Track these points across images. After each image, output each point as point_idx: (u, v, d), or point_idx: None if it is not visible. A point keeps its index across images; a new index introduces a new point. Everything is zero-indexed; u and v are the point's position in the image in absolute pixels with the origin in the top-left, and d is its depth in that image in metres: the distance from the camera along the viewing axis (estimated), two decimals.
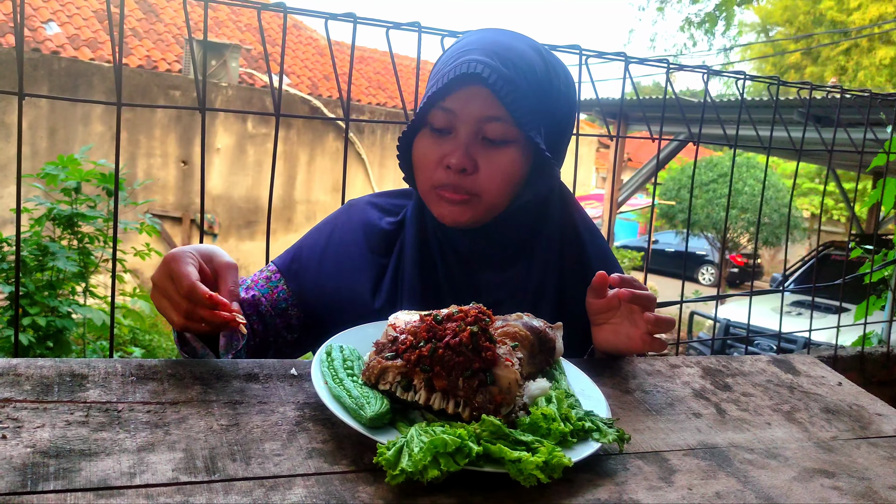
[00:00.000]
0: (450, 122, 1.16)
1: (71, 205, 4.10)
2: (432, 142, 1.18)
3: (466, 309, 0.92)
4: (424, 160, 1.19)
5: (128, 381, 0.90)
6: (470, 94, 1.14)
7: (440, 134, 1.17)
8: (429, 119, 1.18)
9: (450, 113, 1.15)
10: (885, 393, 2.73)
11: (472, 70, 1.10)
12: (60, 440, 0.76)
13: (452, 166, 1.14)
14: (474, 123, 1.15)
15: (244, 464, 0.77)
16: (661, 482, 0.86)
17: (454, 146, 1.15)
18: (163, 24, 11.54)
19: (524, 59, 1.16)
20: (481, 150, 1.16)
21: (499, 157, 1.16)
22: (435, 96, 1.14)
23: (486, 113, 1.14)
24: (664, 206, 16.04)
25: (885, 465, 1.00)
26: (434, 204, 1.20)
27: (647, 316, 1.12)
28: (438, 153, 1.17)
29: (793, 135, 2.31)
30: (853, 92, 2.45)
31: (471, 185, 1.16)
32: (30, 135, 9.11)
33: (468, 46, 1.17)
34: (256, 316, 1.27)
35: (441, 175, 1.16)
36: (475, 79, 1.12)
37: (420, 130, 1.21)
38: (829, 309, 6.38)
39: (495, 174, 1.16)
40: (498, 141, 1.15)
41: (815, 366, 1.38)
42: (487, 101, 1.13)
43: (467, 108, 1.14)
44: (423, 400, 0.86)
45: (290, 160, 11.19)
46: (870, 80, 18.78)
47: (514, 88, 1.12)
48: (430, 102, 1.15)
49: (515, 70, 1.13)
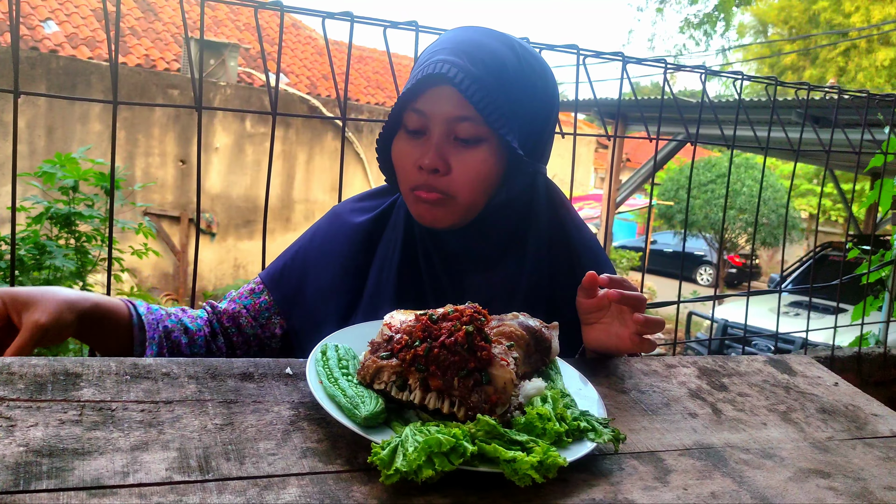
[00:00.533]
0: (423, 124, 1.16)
1: (68, 204, 4.10)
2: (407, 143, 1.19)
3: (462, 308, 0.92)
4: (401, 162, 1.20)
5: (122, 380, 0.89)
6: (439, 95, 1.14)
7: (414, 135, 1.18)
8: (403, 121, 1.19)
9: (421, 114, 1.16)
10: (881, 393, 2.73)
11: (439, 70, 1.10)
12: (53, 439, 0.75)
13: (424, 167, 1.15)
14: (445, 124, 1.15)
15: (238, 463, 0.76)
16: (657, 482, 0.86)
17: (427, 147, 1.16)
18: (161, 23, 11.53)
19: (494, 57, 1.14)
20: (453, 150, 1.16)
21: (470, 157, 1.16)
22: (405, 98, 1.15)
23: (455, 113, 1.14)
24: (662, 207, 16.06)
25: (880, 466, 1.00)
26: (412, 205, 1.20)
27: (636, 317, 1.12)
28: (413, 155, 1.17)
29: (790, 135, 2.31)
30: (851, 93, 2.45)
31: (444, 185, 1.16)
32: (28, 133, 9.10)
33: (439, 45, 1.17)
34: (235, 328, 1.33)
35: (416, 176, 1.17)
36: (442, 79, 1.12)
37: (397, 132, 1.21)
38: (826, 309, 6.38)
39: (468, 173, 1.16)
40: (470, 140, 1.15)
41: (811, 366, 1.38)
42: (456, 102, 1.13)
43: (437, 108, 1.14)
44: (419, 399, 0.86)
45: (288, 159, 11.19)
46: (869, 80, 18.80)
47: (481, 87, 1.11)
48: (401, 104, 1.16)
49: (484, 68, 1.13)
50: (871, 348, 2.98)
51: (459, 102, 1.13)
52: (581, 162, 15.49)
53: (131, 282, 7.41)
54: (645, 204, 17.11)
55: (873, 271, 3.08)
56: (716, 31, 22.87)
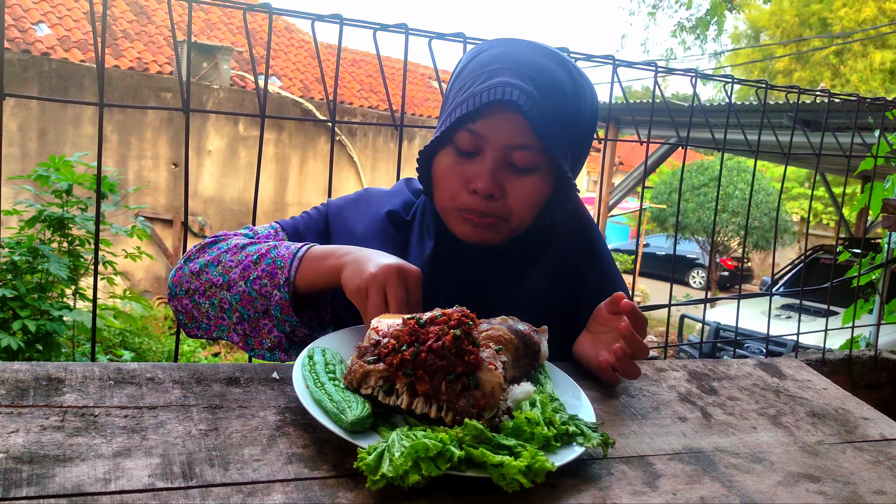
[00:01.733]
0: (477, 146, 1.13)
1: (62, 207, 4.08)
2: (456, 163, 1.15)
3: (450, 312, 0.91)
4: (447, 180, 1.17)
5: (105, 386, 0.88)
6: (501, 121, 1.11)
7: (465, 155, 1.15)
8: (454, 138, 1.15)
9: (478, 137, 1.12)
10: (872, 396, 2.74)
11: (509, 97, 1.08)
12: (35, 445, 0.74)
13: (480, 191, 1.12)
14: (502, 150, 1.12)
15: (222, 469, 0.76)
16: (646, 487, 0.85)
17: (480, 170, 1.13)
18: (154, 26, 11.50)
19: (555, 83, 1.13)
20: (507, 175, 1.14)
21: (525, 184, 1.14)
22: (464, 117, 1.12)
23: (516, 141, 1.12)
24: (655, 210, 16.09)
25: (870, 470, 0.99)
26: (456, 223, 1.18)
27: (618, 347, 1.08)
28: (463, 175, 1.14)
29: (781, 139, 2.32)
30: (841, 96, 2.46)
31: (498, 209, 1.15)
32: (20, 136, 9.05)
33: (496, 63, 1.13)
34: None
35: (466, 198, 1.14)
36: (510, 105, 1.10)
37: (443, 147, 1.17)
38: (817, 312, 6.40)
39: (522, 200, 1.15)
40: (525, 169, 1.14)
41: (801, 369, 1.37)
42: (518, 129, 1.11)
43: (498, 134, 1.12)
44: (406, 404, 0.85)
45: (281, 162, 11.17)
46: (863, 83, 18.89)
47: (545, 118, 1.10)
48: (457, 123, 1.13)
49: (546, 96, 1.11)
50: (862, 351, 2.99)
51: (521, 130, 1.11)
52: None
53: (123, 285, 7.38)
54: (637, 207, 17.16)
55: (864, 274, 3.09)
56: (708, 36, 22.99)
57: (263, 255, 1.14)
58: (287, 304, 1.10)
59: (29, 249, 3.95)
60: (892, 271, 3.09)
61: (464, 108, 1.11)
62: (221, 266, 1.16)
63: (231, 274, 1.14)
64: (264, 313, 1.13)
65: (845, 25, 19.72)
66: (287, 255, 1.12)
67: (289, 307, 1.10)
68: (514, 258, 1.25)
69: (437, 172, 1.19)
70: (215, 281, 1.15)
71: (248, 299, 1.13)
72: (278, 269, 1.11)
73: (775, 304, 7.85)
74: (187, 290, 1.18)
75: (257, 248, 1.16)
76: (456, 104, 1.14)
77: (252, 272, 1.12)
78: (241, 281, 1.13)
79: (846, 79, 19.71)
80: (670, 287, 2.37)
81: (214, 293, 1.15)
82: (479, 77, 1.13)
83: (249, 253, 1.15)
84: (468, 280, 1.24)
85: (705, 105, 7.24)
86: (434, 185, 1.20)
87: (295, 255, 1.12)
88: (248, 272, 1.13)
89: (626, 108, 8.65)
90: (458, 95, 1.16)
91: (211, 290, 1.16)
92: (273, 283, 1.11)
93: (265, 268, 1.12)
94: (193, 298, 1.18)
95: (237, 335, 1.18)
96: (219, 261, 1.17)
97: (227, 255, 1.17)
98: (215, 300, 1.16)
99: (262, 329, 1.15)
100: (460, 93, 1.15)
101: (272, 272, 1.11)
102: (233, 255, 1.16)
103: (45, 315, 3.99)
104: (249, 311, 1.14)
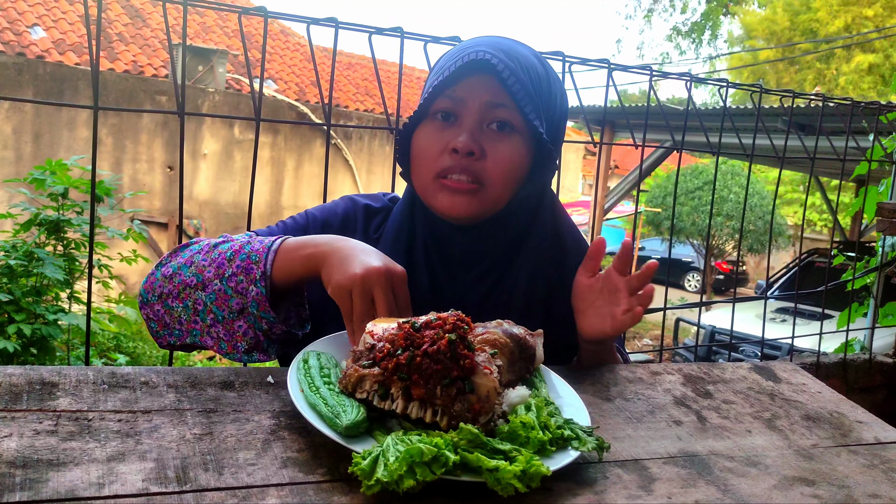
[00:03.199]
0: (456, 108, 1.16)
1: (57, 210, 4.07)
2: (436, 129, 1.18)
3: (445, 316, 0.91)
4: (427, 149, 1.18)
5: (99, 390, 0.88)
6: (477, 81, 1.15)
7: (445, 121, 1.17)
8: (432, 109, 1.18)
9: (456, 99, 1.16)
10: (866, 400, 2.74)
11: (481, 58, 1.12)
12: (28, 450, 0.74)
13: (460, 149, 1.13)
14: (481, 110, 1.15)
15: (217, 474, 0.75)
16: (641, 491, 0.85)
17: (460, 131, 1.15)
18: (149, 29, 11.49)
19: (527, 59, 1.18)
20: (487, 136, 1.16)
21: (504, 145, 1.16)
22: (442, 84, 1.15)
23: (492, 99, 1.15)
24: (650, 213, 16.12)
25: (865, 473, 0.99)
26: (437, 195, 1.17)
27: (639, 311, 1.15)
28: (443, 140, 1.16)
29: (776, 142, 2.32)
30: (835, 100, 2.47)
31: (478, 170, 1.15)
32: (14, 139, 9.04)
33: (472, 43, 1.18)
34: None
35: (446, 160, 1.15)
36: (484, 66, 1.13)
37: (422, 122, 1.20)
38: (812, 316, 6.42)
39: (502, 161, 1.16)
40: (504, 128, 1.16)
41: (796, 373, 1.38)
42: (494, 88, 1.15)
43: (475, 93, 1.15)
44: (401, 409, 0.85)
45: (277, 166, 11.16)
46: (852, 86, 18.98)
47: (518, 79, 1.14)
48: (435, 92, 1.16)
49: (519, 65, 1.15)
50: (857, 354, 2.99)
51: (496, 89, 1.15)
52: (569, 169, 15.53)
53: (119, 289, 7.36)
54: (633, 210, 17.19)
55: (858, 278, 3.10)
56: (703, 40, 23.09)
57: (237, 251, 1.11)
58: (264, 300, 1.07)
59: (24, 253, 3.95)
60: (886, 275, 3.09)
61: (440, 77, 1.15)
62: (195, 266, 1.12)
63: (205, 273, 1.11)
64: (240, 313, 1.10)
65: (829, 31, 19.89)
66: (262, 248, 1.10)
67: (266, 302, 1.07)
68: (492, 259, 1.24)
69: (416, 147, 1.20)
70: (189, 282, 1.12)
71: (224, 298, 1.09)
72: (253, 264, 1.08)
73: (770, 308, 7.85)
74: (160, 295, 1.14)
75: (230, 245, 1.13)
76: (432, 80, 1.18)
77: (227, 269, 1.09)
78: (215, 279, 1.10)
79: (834, 83, 19.83)
80: (665, 290, 2.37)
81: (188, 294, 1.12)
82: (454, 56, 1.17)
83: (223, 251, 1.12)
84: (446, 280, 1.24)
85: (700, 109, 7.26)
86: (413, 163, 1.21)
87: (270, 248, 1.09)
88: (222, 269, 1.10)
89: (621, 112, 8.68)
90: (434, 76, 1.20)
91: (185, 291, 1.12)
92: (249, 279, 1.08)
93: (240, 264, 1.09)
94: (166, 303, 1.14)
95: (211, 339, 1.13)
96: (192, 262, 1.13)
97: (199, 256, 1.14)
98: (189, 302, 1.12)
99: (237, 332, 1.11)
100: (436, 73, 1.20)
101: (247, 267, 1.08)
102: (205, 254, 1.13)
103: (39, 319, 3.98)
104: (224, 312, 1.10)
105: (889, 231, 2.64)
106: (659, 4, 22.50)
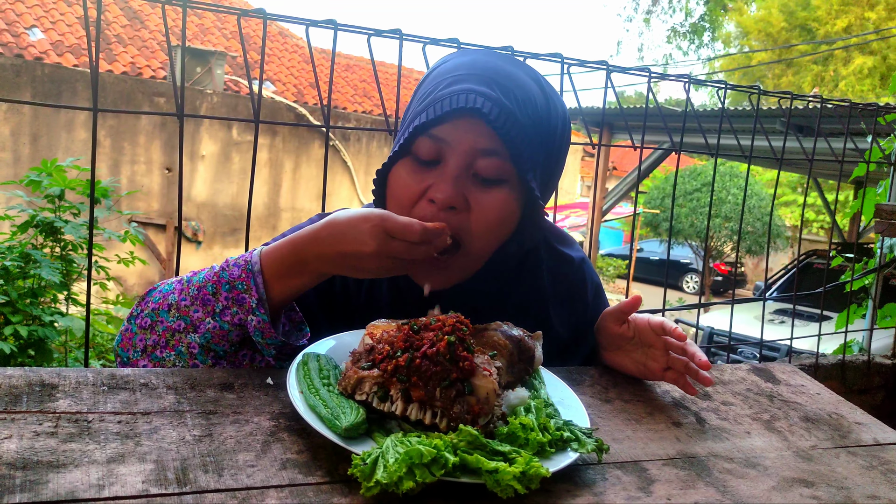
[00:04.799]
0: (438, 153, 1.03)
1: (54, 212, 4.07)
2: (414, 171, 1.04)
3: (444, 318, 0.91)
4: (403, 192, 1.05)
5: (99, 391, 0.88)
6: (465, 125, 1.02)
7: (424, 165, 1.04)
8: (413, 148, 1.05)
9: (439, 141, 1.02)
10: (865, 401, 2.75)
11: (472, 104, 0.99)
12: (28, 451, 0.74)
13: (438, 201, 1.01)
14: (466, 156, 1.02)
15: (216, 475, 0.75)
16: (640, 492, 0.85)
17: (441, 178, 1.02)
18: (147, 31, 11.49)
19: (525, 92, 1.05)
20: (472, 186, 1.03)
21: (491, 197, 1.03)
22: (424, 124, 1.02)
23: (481, 146, 1.02)
24: (648, 215, 16.13)
25: (863, 475, 1.00)
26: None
27: (673, 357, 1.12)
28: (421, 185, 1.03)
29: (774, 144, 2.33)
30: (833, 102, 2.47)
31: (458, 225, 1.02)
32: (12, 141, 9.03)
33: (461, 70, 1.05)
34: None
35: (423, 209, 1.02)
36: (474, 113, 1.00)
37: (401, 159, 1.06)
38: (811, 317, 6.42)
39: (488, 215, 1.03)
40: (491, 179, 1.03)
41: (794, 374, 1.38)
42: (484, 134, 1.02)
43: (461, 138, 1.02)
44: (400, 410, 0.85)
45: (275, 167, 11.16)
46: (850, 88, 19.02)
47: (514, 124, 1.01)
48: (416, 131, 1.03)
49: (514, 103, 1.03)
50: (855, 356, 3.00)
51: (487, 134, 1.01)
52: (567, 170, 15.54)
53: (116, 290, 7.35)
54: (631, 212, 17.21)
55: (857, 279, 3.10)
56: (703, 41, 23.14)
57: (217, 282, 1.01)
58: (268, 326, 0.99)
59: (21, 255, 3.94)
60: (884, 276, 3.10)
61: (424, 117, 1.02)
62: (175, 310, 1.02)
63: (192, 314, 1.01)
64: (242, 344, 1.04)
65: (829, 31, 19.92)
66: (242, 274, 1.00)
67: (270, 329, 1.00)
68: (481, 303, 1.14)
69: (391, 187, 1.07)
70: (176, 327, 1.02)
71: (222, 334, 1.01)
72: (244, 293, 0.99)
73: (769, 309, 7.87)
74: (143, 349, 1.04)
75: (205, 278, 1.02)
76: (415, 113, 1.05)
77: (215, 304, 1.00)
78: (207, 318, 1.01)
79: (832, 85, 19.86)
80: (664, 292, 2.38)
81: (179, 340, 1.02)
82: (441, 83, 1.05)
83: (199, 284, 1.02)
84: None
85: (698, 110, 7.28)
86: (388, 202, 1.08)
87: (252, 272, 0.99)
88: (210, 306, 1.00)
89: (619, 114, 8.68)
90: (417, 105, 1.07)
91: (174, 338, 1.02)
92: (245, 309, 0.99)
93: (227, 295, 1.00)
94: (154, 355, 1.03)
95: None
96: (169, 305, 1.03)
97: (175, 297, 1.03)
98: (182, 347, 1.02)
99: (243, 361, 1.05)
100: (420, 102, 1.07)
101: (238, 298, 0.99)
102: (182, 294, 1.03)
103: (37, 321, 3.97)
104: (225, 346, 1.03)
105: (887, 232, 2.64)
106: (658, 6, 22.56)
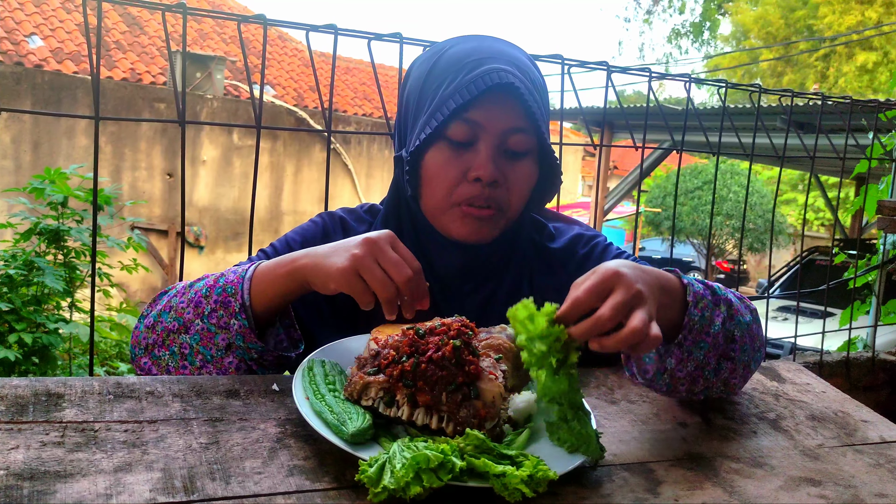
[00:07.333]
0: (472, 135, 1.12)
1: (57, 219, 4.07)
2: (451, 155, 1.13)
3: (449, 322, 0.91)
4: (443, 176, 1.13)
5: (105, 400, 0.88)
6: (497, 106, 1.11)
7: (460, 146, 1.13)
8: (445, 132, 1.12)
9: (474, 125, 1.11)
10: (870, 398, 2.74)
11: (505, 80, 1.08)
12: (35, 461, 0.74)
13: (485, 179, 1.11)
14: (500, 135, 1.12)
15: (224, 483, 0.75)
16: (647, 493, 0.85)
17: (481, 158, 1.11)
18: (147, 37, 11.51)
19: (529, 69, 1.16)
20: (504, 162, 1.14)
21: (521, 170, 1.15)
22: (460, 107, 1.09)
23: (512, 125, 1.12)
24: (650, 214, 16.13)
25: (871, 473, 0.99)
26: (454, 221, 1.15)
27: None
28: (460, 166, 1.12)
29: (775, 141, 2.32)
30: (834, 99, 2.47)
31: (500, 198, 1.14)
32: (13, 149, 9.04)
33: (476, 55, 1.12)
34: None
35: (467, 189, 1.12)
36: (507, 89, 1.10)
37: (433, 144, 1.14)
38: (814, 314, 6.41)
39: (521, 187, 1.16)
40: (520, 153, 1.14)
41: (800, 373, 1.38)
42: (514, 112, 1.12)
43: (494, 120, 1.11)
44: (407, 415, 0.85)
45: (276, 171, 11.17)
46: (849, 85, 19.00)
47: (535, 98, 1.12)
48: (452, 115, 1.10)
49: (530, 80, 1.13)
50: (860, 353, 2.99)
51: (516, 114, 1.12)
52: (569, 170, 15.53)
53: (119, 297, 7.36)
54: (633, 211, 17.20)
55: (860, 275, 3.10)
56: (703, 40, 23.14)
57: (212, 286, 1.05)
58: (248, 331, 1.02)
59: (24, 262, 3.95)
60: (887, 272, 3.10)
61: (458, 99, 1.09)
62: (174, 311, 1.07)
63: (185, 315, 1.05)
64: (227, 348, 1.04)
65: (834, 29, 19.90)
66: (236, 279, 1.04)
67: (251, 333, 1.02)
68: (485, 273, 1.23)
69: (428, 171, 1.15)
70: (171, 327, 1.06)
71: (209, 336, 1.04)
72: (230, 297, 1.02)
73: (772, 307, 7.85)
74: (146, 347, 1.09)
75: (205, 282, 1.07)
76: (444, 97, 1.11)
77: (205, 307, 1.04)
78: (196, 319, 1.04)
79: (832, 82, 19.85)
80: None
81: (173, 340, 1.06)
82: (464, 68, 1.11)
83: (198, 289, 1.07)
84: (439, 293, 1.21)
85: (699, 109, 7.28)
86: (424, 185, 1.16)
87: (244, 278, 1.04)
88: (201, 308, 1.04)
89: (620, 113, 8.68)
90: (438, 91, 1.13)
91: (169, 338, 1.06)
92: (229, 313, 1.02)
93: (217, 298, 1.03)
94: (153, 353, 1.08)
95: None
96: (170, 306, 1.08)
97: (177, 299, 1.08)
98: (175, 347, 1.06)
99: (229, 368, 1.06)
100: (442, 88, 1.12)
101: (225, 301, 1.03)
102: (182, 296, 1.08)
103: (41, 328, 3.98)
104: (212, 350, 1.04)
105: (890, 229, 2.64)
106: (658, 6, 22.58)
